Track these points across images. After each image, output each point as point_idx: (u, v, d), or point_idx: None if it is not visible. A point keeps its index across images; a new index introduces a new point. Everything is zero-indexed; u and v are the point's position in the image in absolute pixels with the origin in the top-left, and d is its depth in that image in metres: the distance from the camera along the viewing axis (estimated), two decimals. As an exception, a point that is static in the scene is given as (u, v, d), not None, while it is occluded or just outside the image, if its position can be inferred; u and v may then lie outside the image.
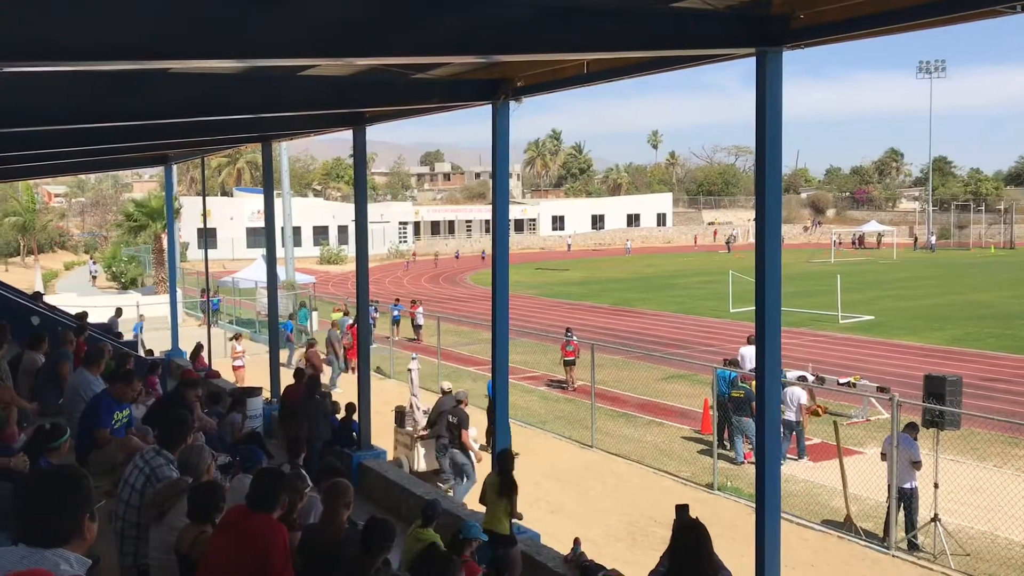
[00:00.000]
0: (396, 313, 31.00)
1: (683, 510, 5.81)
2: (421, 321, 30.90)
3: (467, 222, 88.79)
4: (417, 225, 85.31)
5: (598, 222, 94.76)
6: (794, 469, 14.98)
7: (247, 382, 19.49)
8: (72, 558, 2.93)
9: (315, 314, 30.83)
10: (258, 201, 55.26)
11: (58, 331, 12.49)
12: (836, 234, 76.23)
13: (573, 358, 22.22)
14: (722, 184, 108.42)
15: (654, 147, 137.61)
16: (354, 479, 10.48)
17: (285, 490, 5.27)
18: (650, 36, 5.59)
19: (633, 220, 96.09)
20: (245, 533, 4.91)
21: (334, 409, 13.11)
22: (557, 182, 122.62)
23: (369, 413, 12.24)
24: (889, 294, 41.36)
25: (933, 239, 76.62)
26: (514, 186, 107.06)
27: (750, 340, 17.32)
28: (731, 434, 16.39)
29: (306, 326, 29.37)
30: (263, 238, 17.09)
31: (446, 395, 14.80)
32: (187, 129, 9.85)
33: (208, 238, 25.44)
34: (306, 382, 13.28)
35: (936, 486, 11.92)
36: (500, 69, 8.09)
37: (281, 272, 29.43)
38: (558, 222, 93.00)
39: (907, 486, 12.12)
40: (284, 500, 5.24)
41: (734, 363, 17.57)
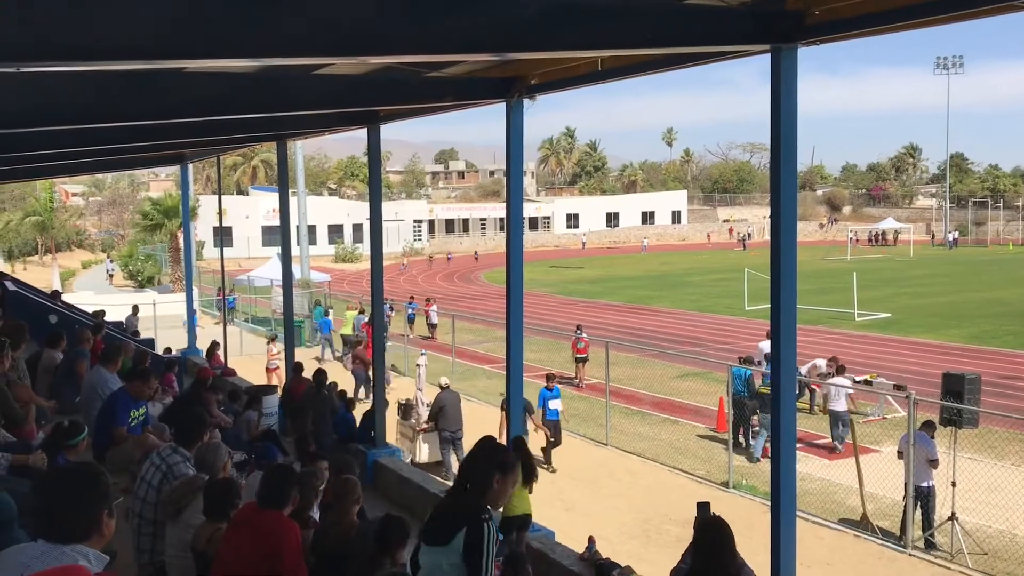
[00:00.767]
0: (411, 311, 31.04)
1: (704, 507, 5.78)
2: (435, 319, 30.82)
3: (481, 220, 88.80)
4: (432, 223, 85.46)
5: (613, 220, 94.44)
6: (810, 467, 14.91)
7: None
8: (91, 554, 2.97)
9: (331, 312, 30.89)
10: (273, 200, 55.37)
11: (75, 329, 12.57)
12: (852, 231, 75.74)
13: (585, 355, 22.22)
14: (737, 181, 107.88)
15: (669, 144, 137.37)
16: (369, 477, 10.51)
17: (295, 487, 5.28)
18: (664, 33, 5.56)
19: (648, 218, 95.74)
20: (258, 531, 4.92)
21: (348, 406, 13.15)
22: (571, 180, 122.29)
23: (384, 411, 12.27)
24: (906, 291, 41.10)
25: (952, 236, 76.00)
26: (528, 184, 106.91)
27: (769, 335, 17.24)
28: (746, 431, 16.32)
29: (320, 324, 29.35)
30: (278, 236, 17.16)
31: (444, 390, 15.30)
32: (202, 128, 9.89)
33: (224, 237, 25.50)
34: (313, 376, 13.30)
35: (953, 484, 11.86)
36: (514, 67, 8.08)
37: (296, 270, 29.51)
38: (572, 220, 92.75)
39: (924, 484, 12.06)
40: (295, 497, 5.25)
41: (749, 360, 17.51)
